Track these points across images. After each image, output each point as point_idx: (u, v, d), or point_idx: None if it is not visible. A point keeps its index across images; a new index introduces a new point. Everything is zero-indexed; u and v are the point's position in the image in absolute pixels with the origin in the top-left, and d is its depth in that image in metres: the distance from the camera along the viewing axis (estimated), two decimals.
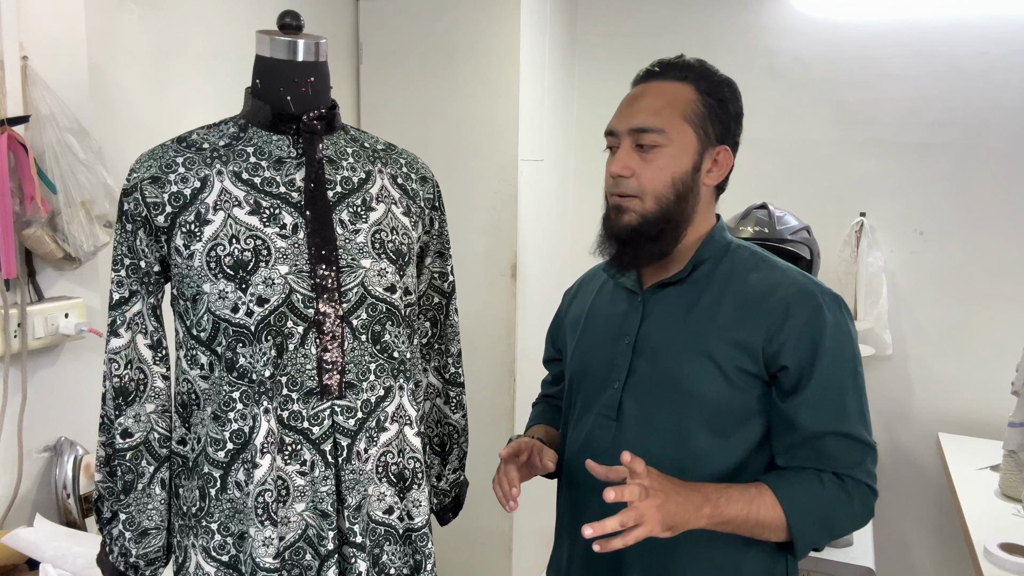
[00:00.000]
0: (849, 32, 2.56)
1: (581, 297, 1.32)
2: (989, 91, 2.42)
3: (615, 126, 1.12)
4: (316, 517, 1.01)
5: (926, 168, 2.52)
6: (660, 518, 0.94)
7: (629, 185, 1.09)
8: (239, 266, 0.97)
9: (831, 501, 1.04)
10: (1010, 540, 1.67)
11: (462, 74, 2.45)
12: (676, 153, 1.09)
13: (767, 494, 1.03)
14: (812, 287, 1.07)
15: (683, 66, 1.13)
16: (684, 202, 1.10)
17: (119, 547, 1.08)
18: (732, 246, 1.15)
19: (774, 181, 2.65)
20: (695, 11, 2.73)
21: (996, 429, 2.37)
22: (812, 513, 1.03)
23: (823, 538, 1.07)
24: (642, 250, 1.10)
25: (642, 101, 1.11)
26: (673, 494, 0.97)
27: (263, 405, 0.98)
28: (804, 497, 1.03)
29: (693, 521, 0.98)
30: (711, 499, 1.00)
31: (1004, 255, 2.45)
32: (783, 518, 1.02)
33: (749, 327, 1.06)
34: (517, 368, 2.50)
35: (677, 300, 1.12)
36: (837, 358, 1.04)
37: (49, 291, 1.52)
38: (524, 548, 2.66)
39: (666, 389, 1.09)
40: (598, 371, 1.17)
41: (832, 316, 1.05)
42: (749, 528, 1.02)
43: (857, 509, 1.05)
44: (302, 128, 1.05)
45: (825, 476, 1.05)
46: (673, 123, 1.08)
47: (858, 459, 1.05)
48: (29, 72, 1.42)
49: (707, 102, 1.10)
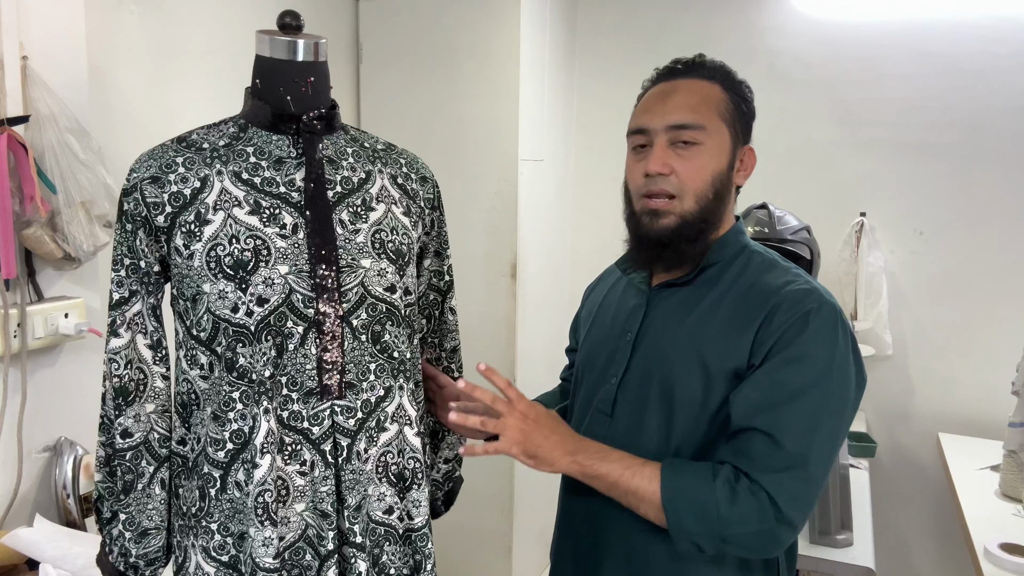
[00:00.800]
0: (849, 32, 2.56)
1: (597, 292, 1.32)
2: (989, 91, 2.42)
3: (647, 123, 1.08)
4: (316, 517, 1.01)
5: (926, 168, 2.52)
6: (520, 440, 1.00)
7: (669, 183, 1.05)
8: (239, 266, 0.97)
9: (714, 492, 0.96)
10: (1010, 540, 1.67)
11: (462, 74, 2.45)
12: (714, 151, 1.06)
13: (651, 467, 1.00)
14: (811, 294, 1.02)
15: (708, 65, 1.11)
16: (721, 202, 1.08)
17: (119, 547, 1.08)
18: (747, 250, 1.12)
19: (774, 181, 2.65)
20: (695, 11, 2.73)
21: (996, 429, 2.37)
22: (689, 499, 0.97)
23: (703, 534, 0.97)
24: (683, 253, 1.08)
25: (676, 98, 1.07)
26: (544, 428, 1.02)
27: (263, 405, 0.98)
28: (686, 480, 0.98)
29: (559, 461, 1.02)
30: (587, 450, 1.03)
31: (1004, 255, 2.45)
32: (658, 494, 0.98)
33: (742, 331, 1.03)
34: (517, 368, 2.50)
35: (680, 301, 1.11)
36: (799, 364, 0.98)
37: (49, 291, 1.52)
38: (524, 548, 2.66)
39: (656, 388, 1.08)
40: (599, 365, 1.18)
41: (815, 325, 0.99)
42: (622, 493, 1.01)
43: (744, 517, 0.95)
44: (302, 128, 1.05)
45: (725, 469, 0.98)
46: (711, 120, 1.06)
47: (773, 466, 0.96)
48: (29, 72, 1.42)
49: (735, 100, 1.09)
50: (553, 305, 2.81)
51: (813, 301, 1.01)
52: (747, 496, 0.96)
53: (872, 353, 2.55)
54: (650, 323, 1.13)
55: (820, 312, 1.00)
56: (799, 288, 1.03)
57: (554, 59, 2.67)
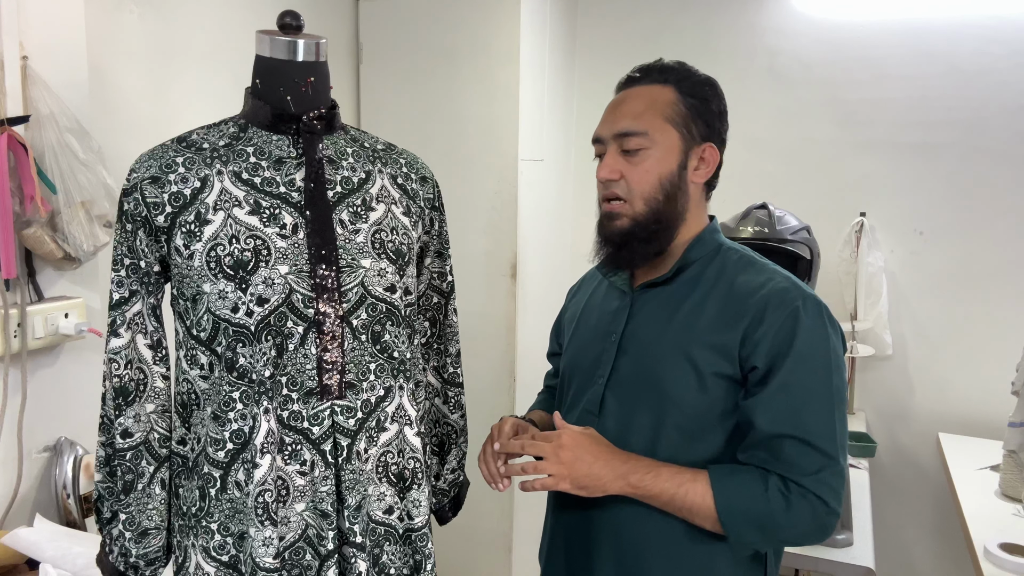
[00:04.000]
0: (849, 32, 2.56)
1: (581, 294, 1.35)
2: (989, 91, 2.42)
3: (600, 133, 1.15)
4: (316, 517, 1.01)
5: (926, 168, 2.52)
6: (568, 474, 1.04)
7: (619, 187, 1.12)
8: (239, 266, 0.97)
9: (768, 505, 1.02)
10: (1010, 540, 1.67)
11: (462, 74, 2.45)
12: (661, 154, 1.11)
13: (702, 481, 1.04)
14: (793, 290, 1.07)
15: (663, 69, 1.15)
16: (673, 202, 1.12)
17: (119, 547, 1.08)
18: (723, 248, 1.17)
19: (774, 181, 2.65)
20: (695, 11, 2.73)
21: (996, 429, 2.37)
22: (745, 510, 1.03)
23: (762, 540, 1.05)
24: (636, 252, 1.13)
25: (623, 107, 1.14)
26: (588, 456, 1.05)
27: (263, 405, 0.98)
28: (739, 492, 1.03)
29: (612, 486, 1.05)
30: (637, 471, 1.05)
31: (1004, 255, 2.45)
32: (713, 509, 1.03)
33: (728, 329, 1.07)
34: (517, 368, 2.50)
35: (663, 301, 1.15)
36: (805, 362, 1.03)
37: (49, 291, 1.52)
38: (524, 548, 2.65)
39: (644, 388, 1.12)
40: (586, 367, 1.21)
41: (809, 320, 1.04)
42: (677, 509, 1.05)
43: (800, 519, 1.02)
44: (302, 128, 1.05)
45: (772, 479, 1.03)
46: (655, 125, 1.11)
47: (812, 468, 1.02)
48: (29, 72, 1.42)
49: (689, 102, 1.12)
50: (553, 305, 2.80)
51: (797, 296, 1.06)
52: (799, 501, 1.02)
53: (872, 353, 2.55)
54: (635, 324, 1.16)
55: (807, 306, 1.05)
56: (781, 285, 1.08)
57: (554, 59, 2.67)
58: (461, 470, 1.34)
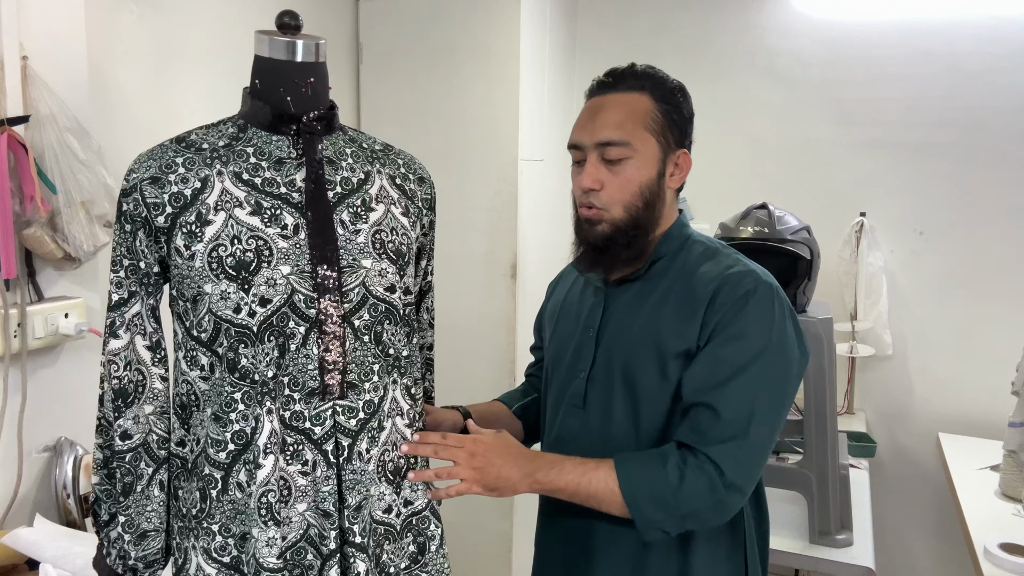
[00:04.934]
0: (849, 32, 2.56)
1: (559, 291, 1.39)
2: (989, 91, 2.42)
3: (579, 140, 1.16)
4: (318, 517, 1.01)
5: (926, 168, 2.52)
6: (478, 478, 1.06)
7: (599, 198, 1.14)
8: (241, 267, 0.97)
9: (667, 479, 1.03)
10: (1010, 540, 1.67)
11: (462, 74, 2.45)
12: (641, 164, 1.13)
13: (605, 467, 1.07)
14: (747, 275, 1.10)
15: (637, 75, 1.16)
16: (651, 208, 1.15)
17: (117, 549, 1.07)
18: (689, 241, 1.20)
19: (774, 181, 2.65)
20: (695, 11, 2.73)
21: (996, 429, 2.37)
22: (647, 490, 1.04)
23: (668, 519, 1.04)
24: (618, 256, 1.16)
25: (603, 115, 1.14)
26: (497, 459, 1.07)
27: (266, 406, 0.98)
28: (640, 472, 1.06)
29: (520, 485, 1.08)
30: (542, 468, 1.08)
31: (1004, 255, 2.45)
32: (618, 492, 1.05)
33: (690, 317, 1.11)
34: (517, 368, 2.50)
35: (634, 295, 1.18)
36: (741, 340, 1.06)
37: (49, 291, 1.52)
38: (524, 548, 2.65)
39: (619, 380, 1.16)
40: (568, 361, 1.24)
41: (755, 305, 1.07)
42: (584, 498, 1.07)
43: (696, 492, 1.03)
44: (302, 128, 1.05)
45: (674, 454, 1.05)
46: (636, 134, 1.12)
47: (718, 438, 1.04)
48: (29, 72, 1.42)
49: (664, 109, 1.14)
50: None
51: (750, 282, 1.09)
52: (696, 472, 1.03)
53: (872, 353, 2.55)
54: (609, 318, 1.20)
55: (757, 292, 1.08)
56: (737, 271, 1.11)
57: (554, 59, 2.67)
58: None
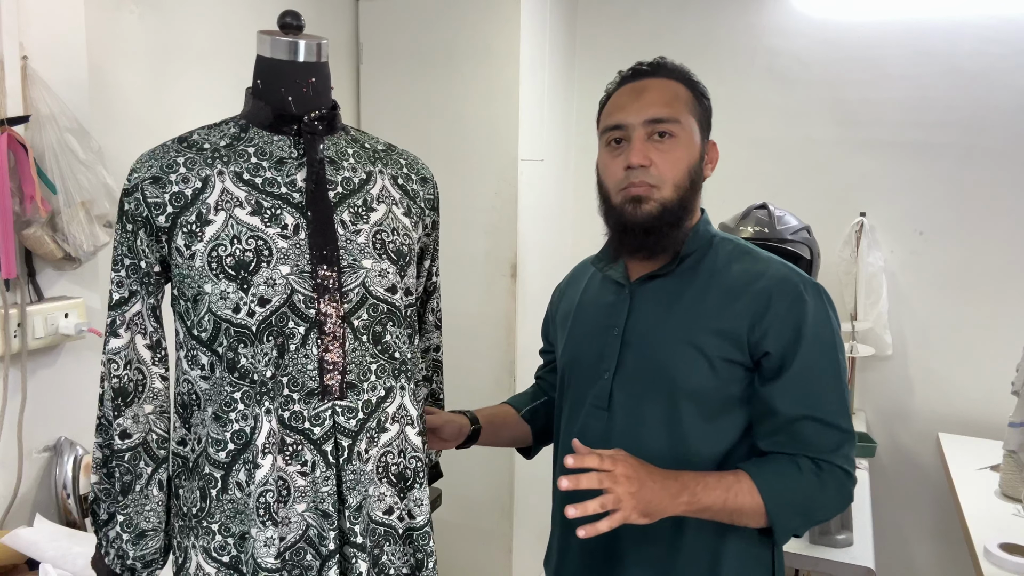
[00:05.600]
0: (849, 32, 2.56)
1: (571, 291, 1.35)
2: (989, 91, 2.42)
3: (623, 119, 1.13)
4: (317, 517, 1.01)
5: (926, 168, 2.52)
6: (635, 504, 0.97)
7: (649, 175, 1.11)
8: (240, 266, 0.97)
9: (807, 486, 1.06)
10: (1010, 540, 1.67)
11: (462, 74, 2.45)
12: (688, 143, 1.13)
13: (745, 481, 1.05)
14: (793, 276, 1.11)
15: (671, 67, 1.18)
16: (695, 191, 1.15)
17: (116, 549, 1.07)
18: (716, 239, 1.19)
19: (774, 181, 2.65)
20: (695, 11, 2.73)
21: (996, 429, 2.37)
22: (789, 499, 1.06)
23: (802, 524, 1.09)
24: (665, 237, 1.13)
25: (650, 94, 1.14)
26: (649, 481, 1.00)
27: (264, 406, 0.98)
28: (781, 483, 1.06)
29: (671, 508, 1.01)
30: (689, 487, 1.02)
31: (1004, 255, 2.45)
32: (761, 504, 1.04)
33: (733, 316, 1.09)
34: (517, 368, 2.50)
35: (664, 292, 1.16)
36: (817, 344, 1.07)
37: (49, 291, 1.52)
38: (524, 548, 2.65)
39: (654, 379, 1.12)
40: (588, 362, 1.20)
41: (813, 303, 1.09)
42: (727, 515, 1.05)
43: (832, 494, 1.08)
44: (303, 129, 1.05)
45: (802, 461, 1.07)
46: (683, 114, 1.13)
47: (833, 444, 1.07)
48: (29, 72, 1.42)
49: (698, 98, 1.16)
50: None
51: (799, 281, 1.10)
52: (830, 478, 1.07)
53: (872, 353, 2.55)
54: (637, 316, 1.17)
55: (808, 290, 1.10)
56: (781, 272, 1.12)
57: (554, 59, 2.67)
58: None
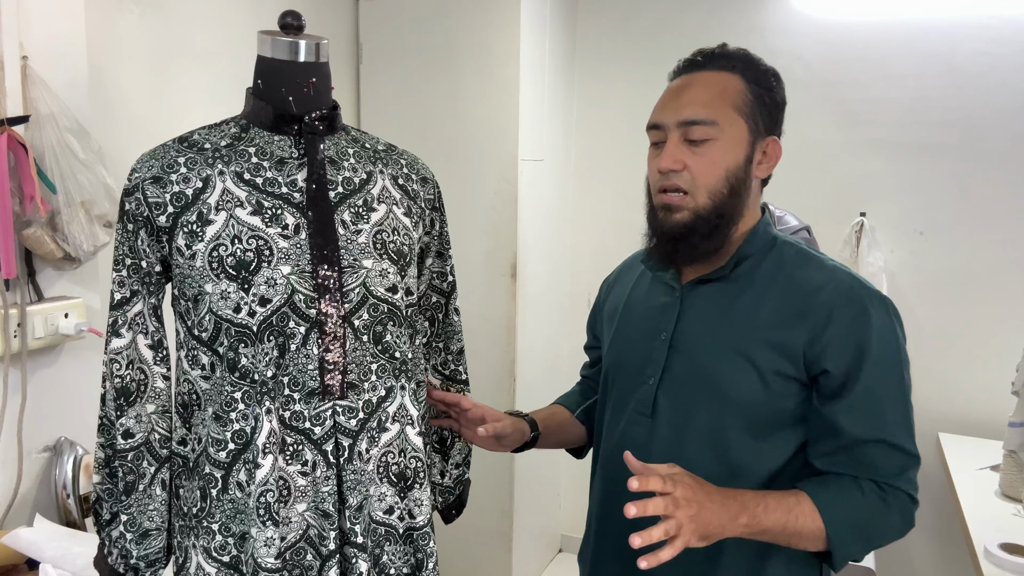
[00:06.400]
0: (849, 32, 2.56)
1: (619, 286, 1.28)
2: (989, 92, 2.42)
3: (660, 119, 1.07)
4: (317, 517, 1.01)
5: (926, 168, 2.52)
6: (694, 528, 0.91)
7: (681, 179, 1.05)
8: (241, 266, 0.97)
9: (870, 511, 1.01)
10: (1010, 540, 1.67)
11: (462, 74, 2.45)
12: (728, 146, 1.04)
13: (805, 503, 0.99)
14: (858, 288, 1.04)
15: (728, 56, 1.08)
16: (737, 197, 1.06)
17: (119, 549, 1.07)
18: (778, 242, 1.11)
19: (774, 181, 2.64)
20: (695, 11, 2.73)
21: (996, 429, 2.37)
22: (851, 523, 1.00)
23: (862, 550, 1.03)
24: (696, 248, 1.06)
25: (689, 92, 1.06)
26: (708, 503, 0.93)
27: (265, 405, 0.98)
28: (844, 507, 1.00)
29: (729, 530, 0.95)
30: (748, 508, 0.97)
31: (1004, 255, 2.45)
32: (822, 528, 0.98)
33: (790, 329, 1.03)
34: (517, 368, 2.50)
35: (717, 297, 1.09)
36: (882, 363, 1.01)
37: (49, 291, 1.52)
38: (524, 548, 2.66)
39: (703, 389, 1.07)
40: (633, 366, 1.15)
41: (878, 319, 1.02)
42: (786, 538, 0.99)
43: (895, 520, 1.02)
44: (304, 129, 1.05)
45: (865, 484, 1.01)
46: (724, 114, 1.04)
47: (899, 468, 1.02)
48: (29, 72, 1.42)
49: (756, 91, 1.06)
50: (553, 305, 2.81)
51: (864, 295, 1.03)
52: (894, 503, 1.02)
53: None
54: (687, 322, 1.10)
55: (875, 304, 1.03)
56: (846, 283, 1.04)
57: (554, 59, 2.67)
58: (466, 466, 1.33)
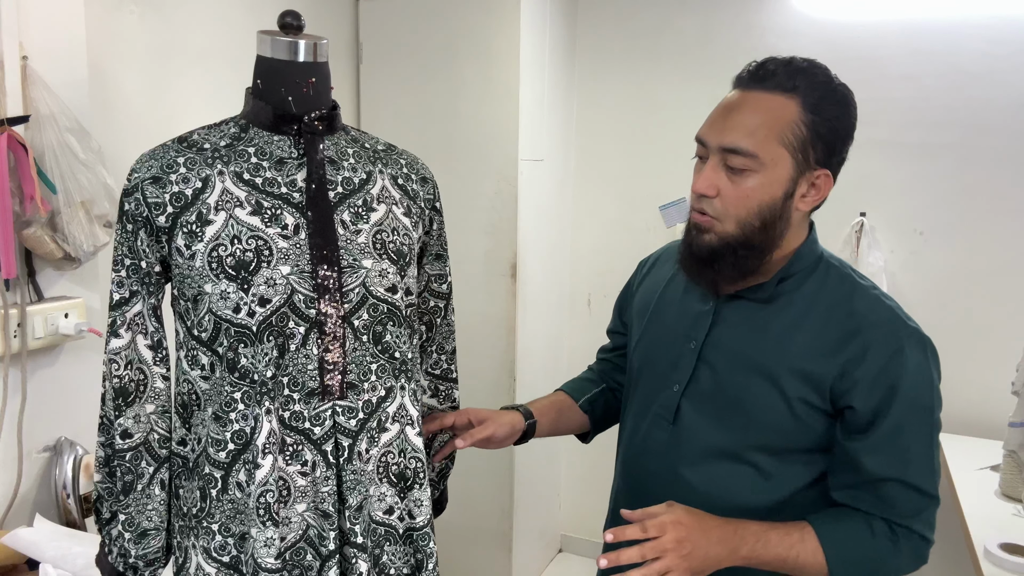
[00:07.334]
0: (849, 32, 2.56)
1: (654, 276, 1.25)
2: (990, 91, 2.42)
3: (706, 136, 1.04)
4: (317, 517, 1.01)
5: (926, 168, 2.52)
6: (688, 566, 0.92)
7: (712, 205, 1.02)
8: (241, 266, 0.97)
9: (877, 551, 1.01)
10: (1010, 540, 1.67)
11: (462, 74, 2.45)
12: (767, 181, 1.00)
13: (810, 538, 0.99)
14: (897, 325, 1.01)
15: (791, 73, 1.00)
16: (770, 229, 1.02)
17: (118, 548, 1.08)
18: (822, 263, 1.08)
19: None
20: (695, 11, 2.73)
21: (996, 429, 2.37)
22: (855, 562, 1.00)
23: None
24: (721, 273, 1.04)
25: (737, 115, 1.01)
26: (703, 541, 0.94)
27: (265, 406, 0.98)
28: (849, 545, 1.00)
29: (727, 561, 0.97)
30: (748, 541, 0.98)
31: (1004, 255, 2.45)
32: (824, 565, 0.99)
33: (822, 361, 1.01)
34: (517, 368, 2.50)
35: (752, 315, 1.07)
36: (912, 405, 1.00)
37: (49, 291, 1.52)
38: (524, 548, 2.66)
39: (726, 405, 1.06)
40: (661, 368, 1.14)
41: (913, 360, 1.00)
42: (788, 570, 1.00)
43: (905, 560, 1.02)
44: (303, 129, 1.05)
45: (876, 524, 1.01)
46: (767, 147, 0.98)
47: (915, 509, 1.02)
48: (29, 72, 1.42)
49: (812, 121, 0.99)
50: (553, 305, 2.81)
51: (902, 334, 1.01)
52: (905, 544, 1.02)
53: None
54: (719, 334, 1.09)
55: (911, 344, 1.01)
56: (884, 317, 1.02)
57: (554, 59, 2.67)
58: (448, 459, 1.33)
